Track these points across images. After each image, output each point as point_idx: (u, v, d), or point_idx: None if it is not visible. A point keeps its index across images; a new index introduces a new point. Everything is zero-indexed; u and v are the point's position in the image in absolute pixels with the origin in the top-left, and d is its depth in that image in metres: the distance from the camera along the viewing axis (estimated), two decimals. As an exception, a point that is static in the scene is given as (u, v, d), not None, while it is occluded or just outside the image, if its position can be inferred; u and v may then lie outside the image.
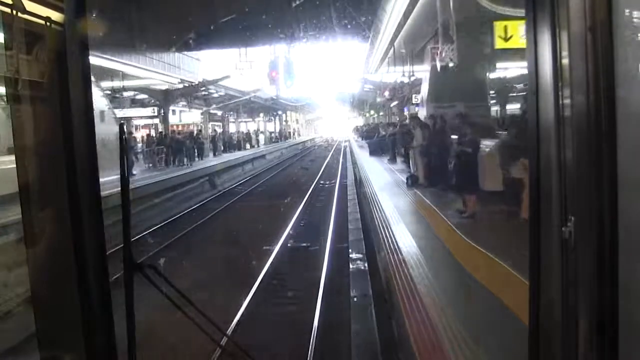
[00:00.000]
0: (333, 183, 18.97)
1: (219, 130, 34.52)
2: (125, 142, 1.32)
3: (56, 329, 1.27)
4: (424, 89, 13.52)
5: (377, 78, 26.83)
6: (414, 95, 16.74)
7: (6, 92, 1.19)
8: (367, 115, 46.38)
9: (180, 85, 23.62)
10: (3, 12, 1.18)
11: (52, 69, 1.19)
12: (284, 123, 56.01)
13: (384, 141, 18.47)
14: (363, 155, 21.01)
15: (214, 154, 26.37)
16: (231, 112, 36.88)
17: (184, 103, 26.95)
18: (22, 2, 1.17)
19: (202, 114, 30.04)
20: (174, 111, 26.82)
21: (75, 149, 1.21)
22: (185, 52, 23.49)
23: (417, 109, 15.54)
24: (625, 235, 1.12)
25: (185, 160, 20.19)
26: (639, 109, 1.13)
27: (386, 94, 23.92)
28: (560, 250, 1.23)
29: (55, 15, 1.18)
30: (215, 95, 28.67)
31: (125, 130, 1.45)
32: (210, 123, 34.12)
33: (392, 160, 15.35)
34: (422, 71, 14.59)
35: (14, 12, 1.18)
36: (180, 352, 4.68)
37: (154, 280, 1.32)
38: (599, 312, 1.15)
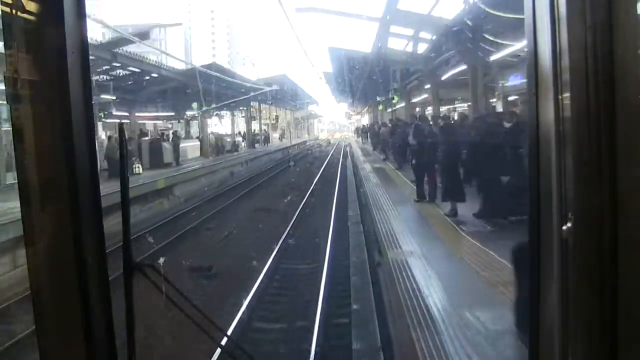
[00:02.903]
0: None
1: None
2: (125, 142, 1.32)
3: (56, 329, 1.26)
4: None
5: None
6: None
7: (6, 92, 1.19)
8: (387, 101, 26.06)
9: None
10: (2, 11, 1.17)
11: (52, 69, 1.19)
12: (252, 122, 38.22)
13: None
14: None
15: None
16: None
17: None
18: (21, 1, 1.17)
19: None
20: None
21: (75, 149, 1.21)
22: None
23: None
24: (625, 234, 1.12)
25: None
26: (638, 108, 1.13)
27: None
28: (560, 250, 1.23)
29: (55, 15, 1.18)
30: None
31: (125, 130, 1.44)
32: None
33: None
34: None
35: (13, 10, 1.17)
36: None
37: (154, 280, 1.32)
38: (599, 312, 1.15)
